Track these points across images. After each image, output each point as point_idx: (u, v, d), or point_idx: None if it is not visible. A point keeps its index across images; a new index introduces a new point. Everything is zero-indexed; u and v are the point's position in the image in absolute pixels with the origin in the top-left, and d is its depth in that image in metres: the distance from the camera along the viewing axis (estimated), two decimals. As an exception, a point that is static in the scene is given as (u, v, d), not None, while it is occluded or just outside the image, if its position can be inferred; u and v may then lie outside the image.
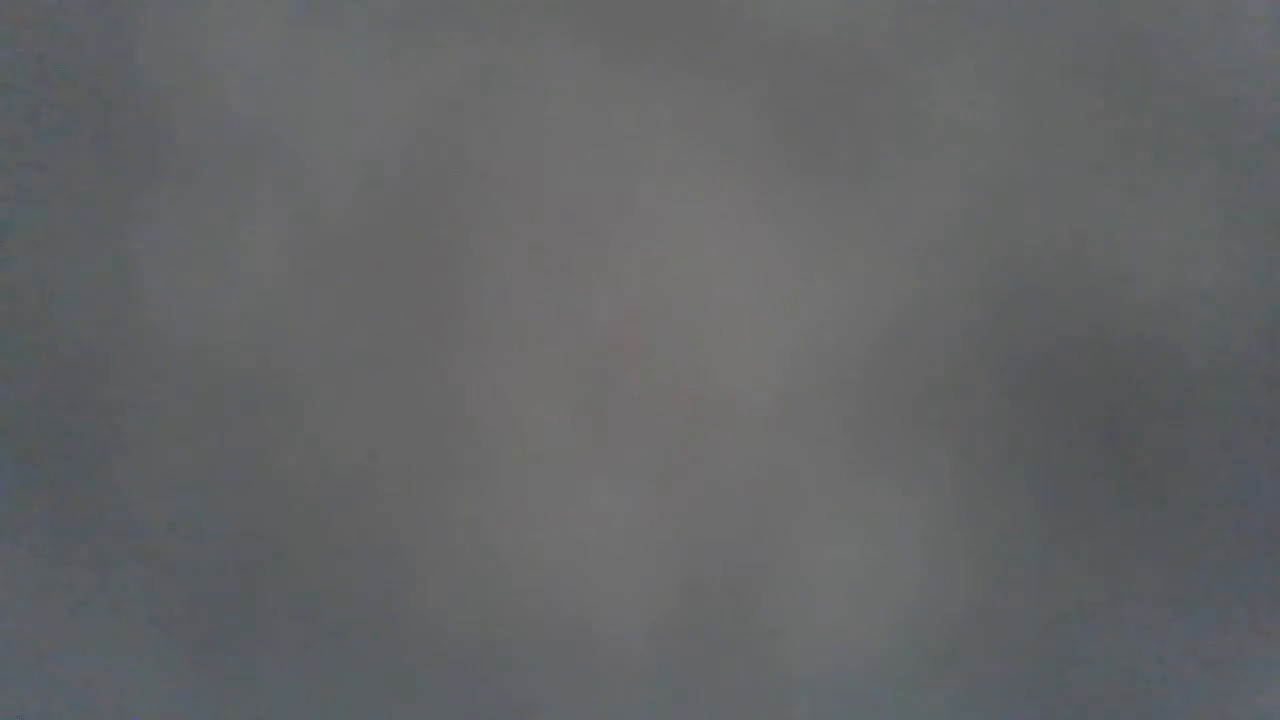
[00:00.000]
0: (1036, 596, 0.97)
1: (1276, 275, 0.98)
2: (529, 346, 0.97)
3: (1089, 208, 0.98)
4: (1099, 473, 0.97)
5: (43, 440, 0.97)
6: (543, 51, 0.98)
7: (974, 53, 0.98)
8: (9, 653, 0.96)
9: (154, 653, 0.96)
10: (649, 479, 0.97)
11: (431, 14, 0.98)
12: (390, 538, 0.97)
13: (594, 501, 0.97)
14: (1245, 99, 0.98)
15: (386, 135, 0.97)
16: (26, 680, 0.96)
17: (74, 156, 0.97)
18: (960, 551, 0.97)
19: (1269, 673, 0.97)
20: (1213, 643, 0.97)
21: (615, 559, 0.97)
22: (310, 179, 0.97)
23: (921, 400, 0.97)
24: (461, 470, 0.97)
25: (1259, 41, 0.98)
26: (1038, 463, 0.97)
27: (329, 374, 0.97)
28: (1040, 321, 0.98)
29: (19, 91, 0.97)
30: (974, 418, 0.97)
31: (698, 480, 0.97)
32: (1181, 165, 0.98)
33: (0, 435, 0.97)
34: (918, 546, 0.97)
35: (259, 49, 0.97)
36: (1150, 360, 0.97)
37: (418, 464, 0.97)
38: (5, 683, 0.96)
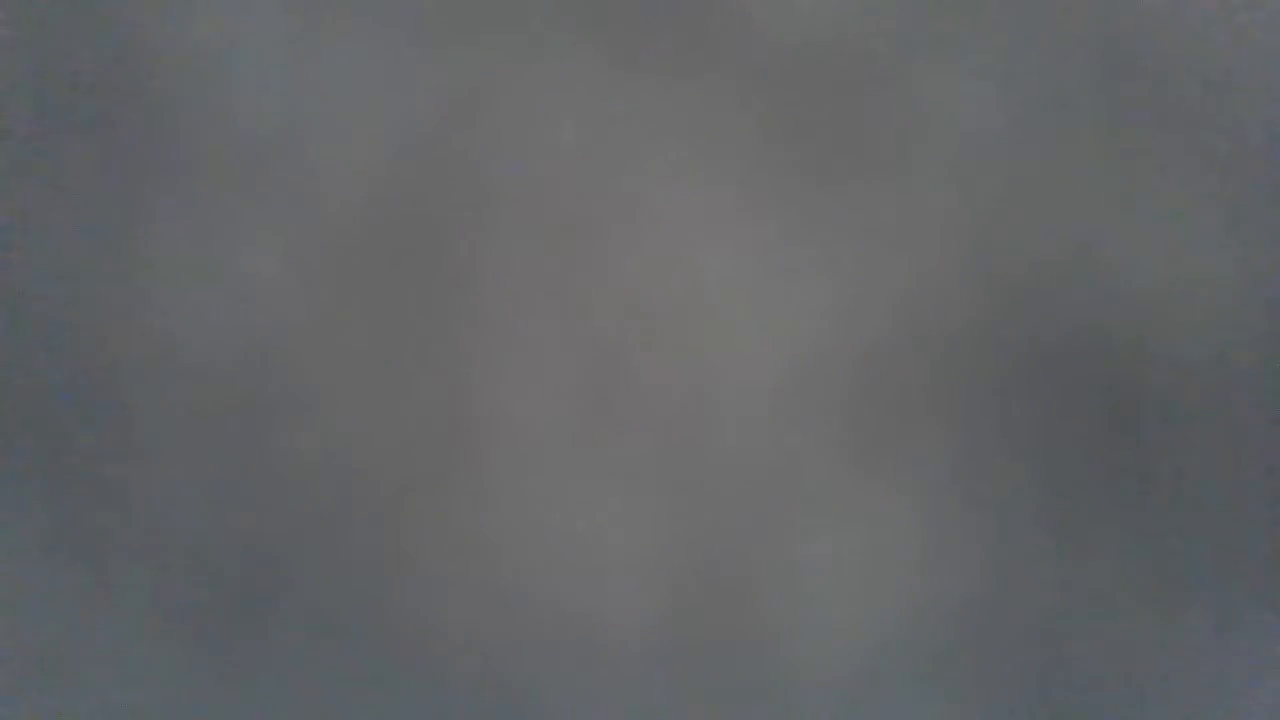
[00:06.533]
0: (1035, 594, 0.97)
1: (1277, 275, 0.98)
2: (530, 347, 0.97)
3: (1088, 207, 0.98)
4: (1098, 471, 0.97)
5: (45, 441, 0.97)
6: (545, 56, 0.98)
7: (973, 53, 0.98)
8: (9, 653, 0.96)
9: (155, 654, 0.97)
10: (649, 478, 0.97)
11: (433, 18, 0.98)
12: (391, 538, 0.97)
13: (594, 501, 0.97)
14: (1245, 99, 0.98)
15: (389, 138, 0.98)
16: (27, 680, 0.97)
17: (78, 159, 0.97)
18: (959, 550, 0.97)
19: (1269, 667, 0.97)
20: (1211, 639, 0.97)
21: (615, 559, 0.97)
22: (315, 182, 0.97)
23: (920, 399, 0.97)
24: (462, 471, 0.97)
25: (1259, 41, 0.98)
26: (1036, 461, 0.97)
27: (332, 376, 0.97)
28: (1039, 320, 0.98)
29: (23, 94, 0.98)
30: (973, 416, 0.97)
31: (697, 479, 0.97)
32: (1181, 165, 0.98)
33: (2, 436, 0.97)
34: (917, 544, 0.97)
35: (264, 51, 0.97)
36: (1150, 359, 0.97)
37: (419, 464, 0.97)
38: (5, 683, 0.96)
